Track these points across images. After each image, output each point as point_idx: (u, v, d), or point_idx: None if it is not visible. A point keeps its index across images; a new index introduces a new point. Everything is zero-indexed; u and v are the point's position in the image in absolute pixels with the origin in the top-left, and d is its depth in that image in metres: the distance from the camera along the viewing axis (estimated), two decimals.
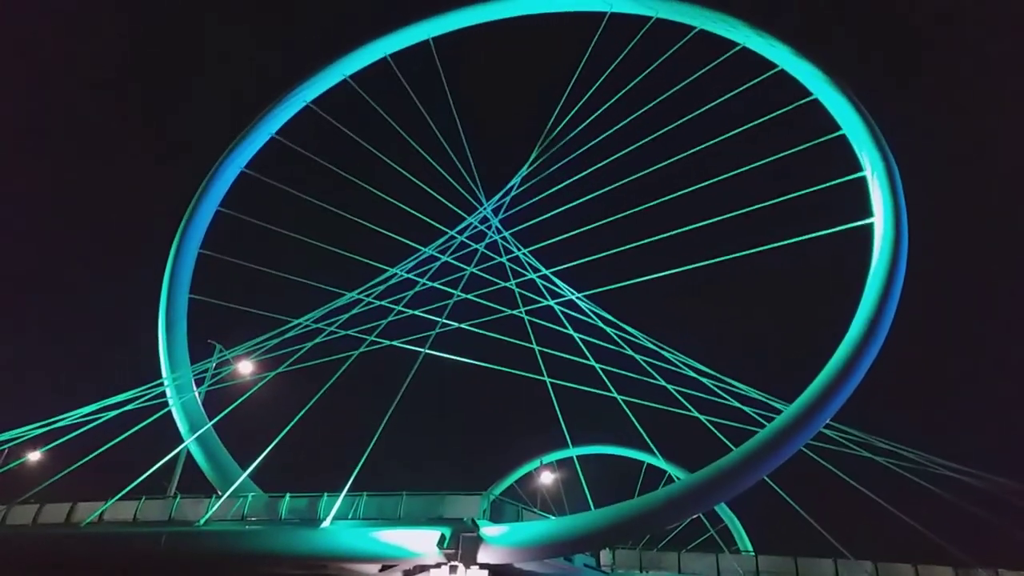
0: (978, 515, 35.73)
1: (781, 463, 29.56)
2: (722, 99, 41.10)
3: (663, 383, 41.62)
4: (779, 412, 36.07)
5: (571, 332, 42.71)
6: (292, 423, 33.85)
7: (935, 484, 36.98)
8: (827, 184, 36.66)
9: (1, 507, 34.53)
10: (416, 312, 41.69)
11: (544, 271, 44.48)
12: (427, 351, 38.36)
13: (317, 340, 40.80)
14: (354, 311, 41.98)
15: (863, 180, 36.29)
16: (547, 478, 53.98)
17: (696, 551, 37.76)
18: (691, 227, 38.65)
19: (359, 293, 42.88)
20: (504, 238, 45.84)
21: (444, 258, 42.48)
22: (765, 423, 34.30)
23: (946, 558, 32.53)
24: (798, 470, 33.72)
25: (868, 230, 35.04)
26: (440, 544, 27.66)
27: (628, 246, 39.40)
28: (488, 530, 27.99)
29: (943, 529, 34.34)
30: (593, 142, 44.69)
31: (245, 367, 41.70)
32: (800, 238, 36.48)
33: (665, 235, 38.87)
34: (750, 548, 53.87)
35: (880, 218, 34.51)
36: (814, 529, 33.92)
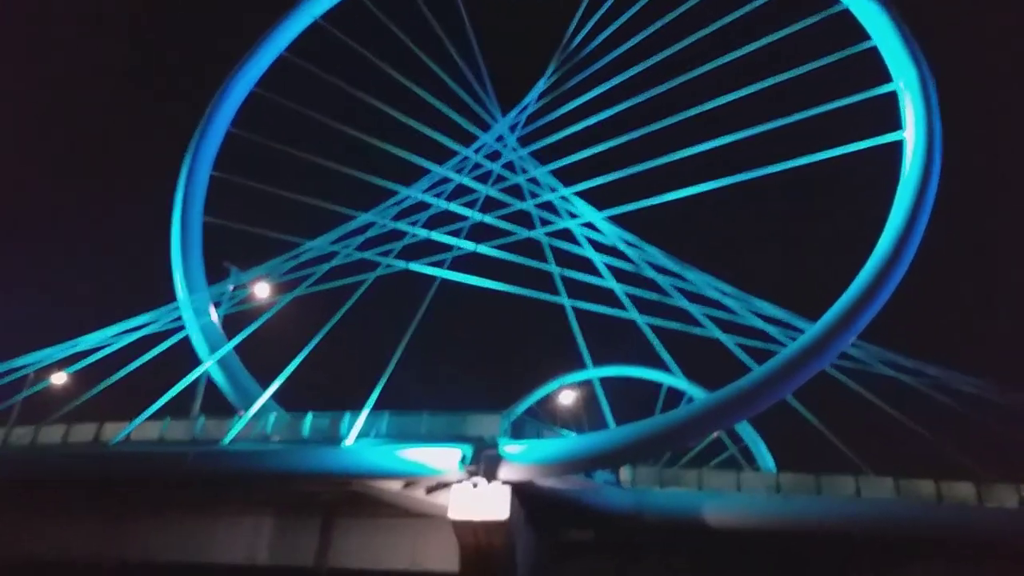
0: (1001, 431, 35.62)
1: (802, 383, 29.33)
2: (749, 7, 39.16)
3: (684, 303, 41.21)
4: (802, 332, 35.75)
5: (590, 253, 42.16)
6: (313, 343, 33.96)
7: (958, 401, 36.77)
8: (858, 97, 35.18)
9: (30, 428, 35.14)
10: (432, 234, 41.18)
11: (562, 191, 43.56)
12: (444, 273, 38.04)
13: (333, 263, 40.62)
14: (369, 234, 41.55)
15: (894, 95, 34.86)
16: (567, 399, 54.28)
17: (717, 469, 38.00)
18: (714, 143, 37.47)
19: (374, 215, 42.31)
20: (521, 157, 44.77)
21: (459, 178, 41.64)
22: (788, 343, 33.99)
23: (968, 475, 32.41)
24: (820, 388, 33.52)
25: (898, 148, 33.86)
26: (462, 461, 27.88)
27: (649, 163, 38.32)
28: (509, 448, 28.16)
29: (965, 446, 34.31)
30: (612, 55, 43.01)
31: (262, 290, 41.65)
32: (828, 153, 35.29)
33: (688, 151, 37.71)
34: (772, 466, 54.35)
35: (911, 132, 33.26)
36: (835, 447, 33.97)
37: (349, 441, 29.90)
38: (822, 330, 28.78)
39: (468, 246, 40.46)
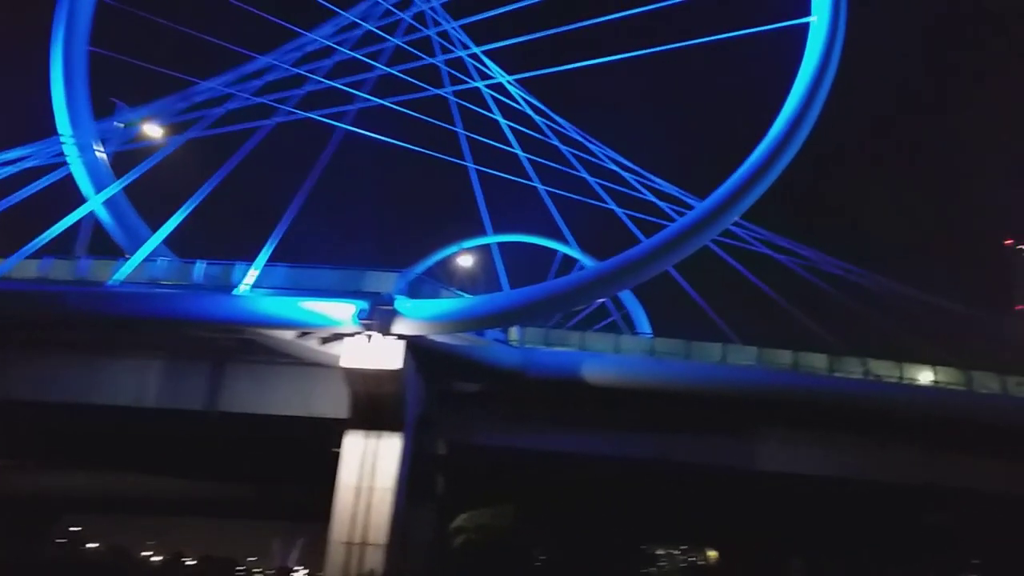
0: (858, 310, 39.23)
1: (685, 256, 30.94)
2: None
3: (585, 175, 42.05)
4: (691, 208, 37.38)
5: (498, 117, 41.92)
6: (208, 188, 32.97)
7: (825, 281, 40.01)
8: None
9: None
10: (335, 84, 39.60)
11: (474, 49, 42.50)
12: (346, 127, 37.05)
13: (229, 106, 38.77)
14: (268, 78, 39.62)
15: None
16: (466, 262, 55.44)
17: (600, 332, 40.38)
18: (627, 12, 37.00)
19: (274, 58, 40.20)
20: (433, 8, 43.01)
21: (367, 26, 39.75)
22: (677, 218, 35.54)
23: (824, 347, 35.84)
24: (700, 261, 35.56)
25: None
26: (357, 315, 28.48)
27: (562, 28, 37.64)
28: (405, 304, 28.90)
29: (826, 323, 37.71)
30: None
31: (153, 130, 39.47)
32: (740, 32, 35.49)
33: (601, 19, 37.18)
34: (650, 332, 57.90)
35: (818, 17, 33.69)
36: (708, 317, 36.66)
37: (243, 289, 29.84)
38: (708, 208, 30.05)
39: (372, 99, 39.27)
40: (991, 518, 40.14)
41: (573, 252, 54.50)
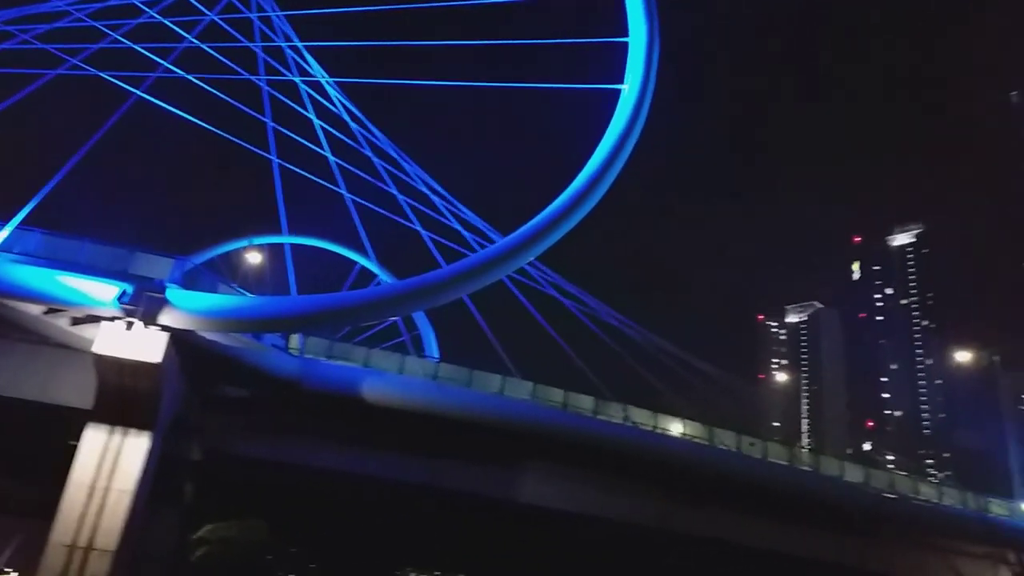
0: (627, 361, 42.06)
1: (481, 287, 31.54)
2: None
3: (394, 191, 41.75)
4: (493, 242, 38.24)
5: (311, 116, 40.59)
6: None
7: (603, 329, 42.58)
8: (591, 39, 36.74)
9: None
10: (136, 47, 36.34)
11: (296, 42, 40.96)
12: (139, 94, 34.00)
13: (5, 44, 34.29)
14: (59, 23, 35.54)
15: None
16: (254, 259, 52.52)
17: (386, 351, 39.86)
18: (462, 42, 37.52)
19: (68, 4, 36.17)
20: None
21: None
22: (479, 249, 36.23)
23: (592, 390, 37.90)
24: (493, 295, 36.42)
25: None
26: (120, 297, 25.83)
27: (392, 42, 37.41)
28: (177, 294, 26.67)
29: (598, 368, 40.01)
30: None
31: None
32: (557, 85, 37.17)
33: (434, 43, 37.41)
34: (437, 356, 58.25)
35: (629, 85, 36.04)
36: (493, 347, 37.59)
37: None
38: (508, 245, 30.91)
39: (176, 71, 36.46)
40: (731, 566, 43.87)
41: (372, 266, 53.72)
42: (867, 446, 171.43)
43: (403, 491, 37.59)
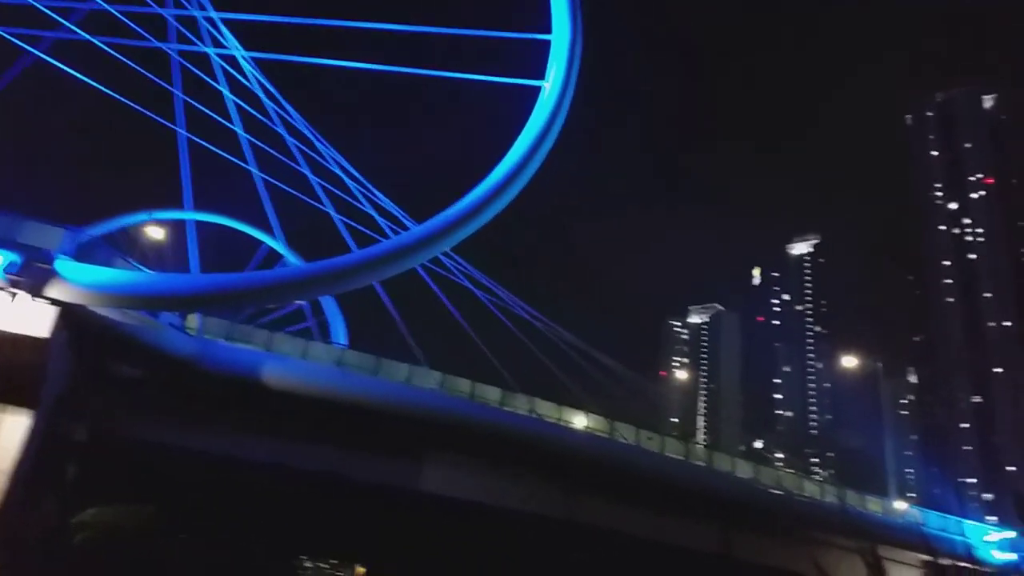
0: (536, 354, 42.54)
1: (393, 274, 31.22)
2: None
3: (307, 172, 40.77)
4: (408, 229, 37.88)
5: (224, 89, 39.11)
6: None
7: (513, 322, 42.92)
8: (513, 35, 36.45)
9: None
10: (34, 2, 34.03)
11: (211, 12, 39.33)
12: (36, 52, 31.93)
13: None
14: None
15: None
16: (155, 234, 50.17)
17: (291, 335, 38.98)
18: (385, 26, 36.82)
19: None
20: None
21: None
22: (393, 236, 35.84)
23: (500, 382, 38.20)
24: (405, 283, 36.17)
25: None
26: (6, 268, 24.33)
27: (310, 20, 36.37)
28: (67, 266, 25.27)
29: (506, 360, 40.35)
30: None
31: None
32: (475, 76, 36.87)
33: (351, 24, 36.53)
34: (345, 343, 57.28)
35: (550, 83, 36.18)
36: (402, 336, 37.35)
37: None
38: (422, 233, 30.68)
39: (78, 32, 34.38)
40: (633, 560, 44.90)
41: (279, 247, 52.25)
42: (759, 444, 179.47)
43: (303, 479, 36.84)
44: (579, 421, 39.90)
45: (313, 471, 34.98)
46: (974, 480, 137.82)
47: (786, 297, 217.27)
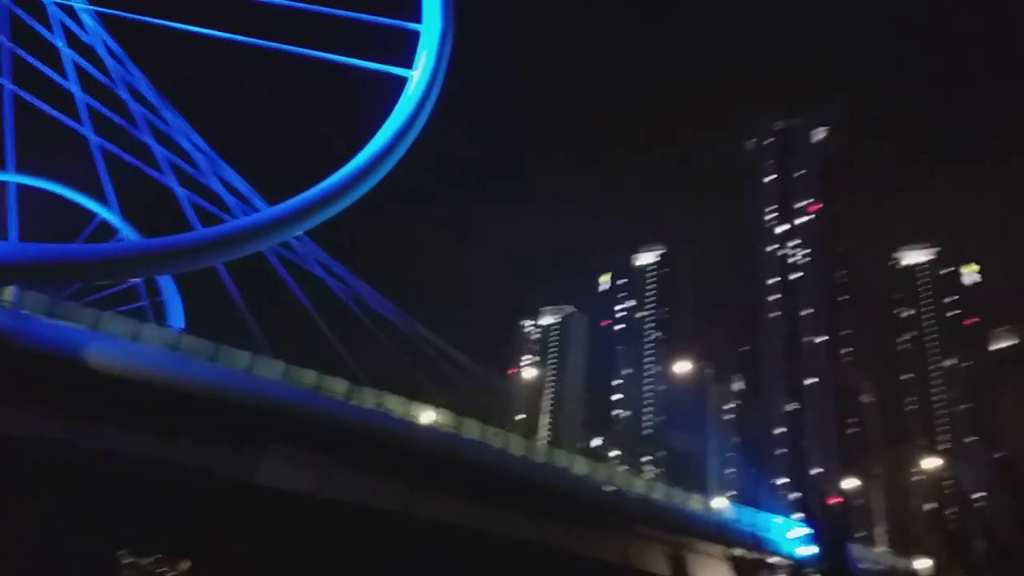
0: (387, 346, 42.15)
1: (239, 256, 30.00)
2: None
3: (151, 141, 38.27)
4: (258, 211, 36.44)
5: (60, 42, 35.94)
6: None
7: (366, 313, 42.26)
8: (382, 20, 35.54)
9: None
10: None
11: None
12: None
13: None
14: None
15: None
16: None
17: (122, 316, 36.19)
18: None
19: None
20: None
21: None
22: (240, 216, 34.29)
23: (345, 372, 37.54)
24: (254, 266, 34.78)
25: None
26: None
27: None
28: None
29: (356, 352, 39.70)
30: None
31: None
32: (345, 59, 35.80)
33: None
34: (182, 326, 54.10)
35: (418, 73, 35.52)
36: (246, 322, 35.81)
37: None
38: (273, 216, 29.65)
39: None
40: (471, 552, 45.01)
41: (114, 219, 48.60)
42: (597, 441, 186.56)
43: (130, 466, 34.43)
44: (427, 416, 39.88)
45: (140, 458, 32.78)
46: (787, 480, 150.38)
47: (631, 303, 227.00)
